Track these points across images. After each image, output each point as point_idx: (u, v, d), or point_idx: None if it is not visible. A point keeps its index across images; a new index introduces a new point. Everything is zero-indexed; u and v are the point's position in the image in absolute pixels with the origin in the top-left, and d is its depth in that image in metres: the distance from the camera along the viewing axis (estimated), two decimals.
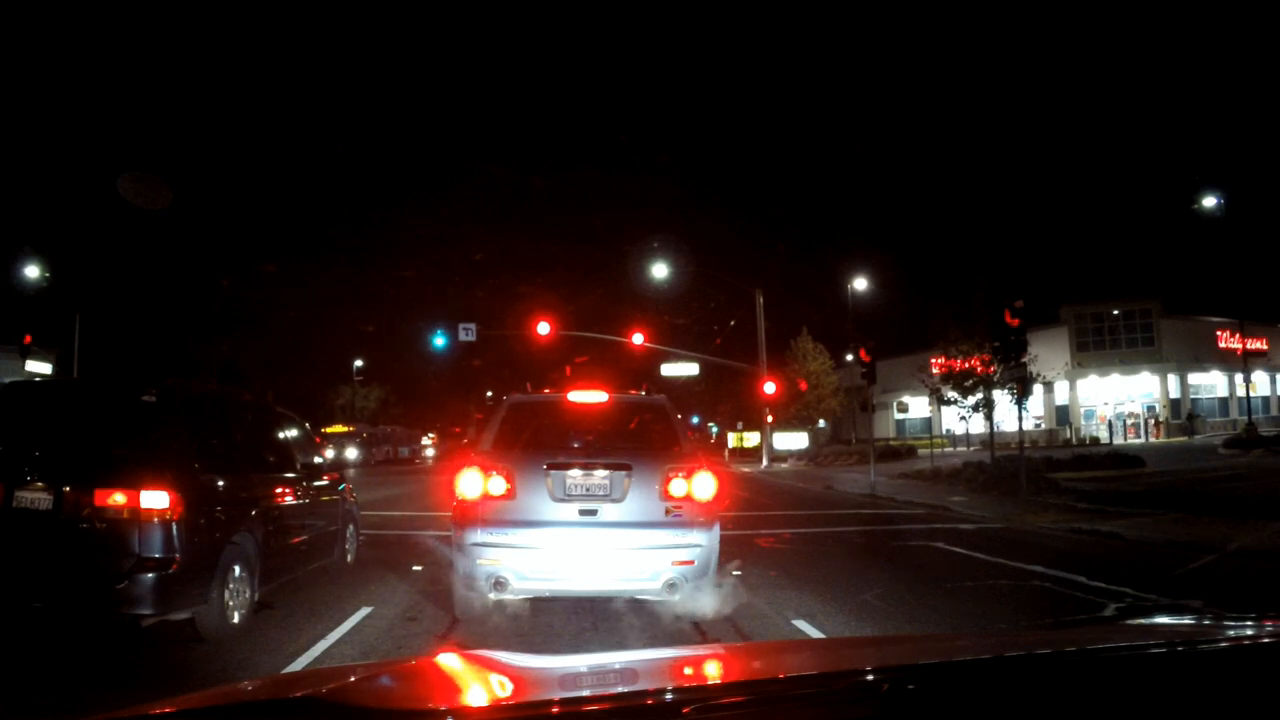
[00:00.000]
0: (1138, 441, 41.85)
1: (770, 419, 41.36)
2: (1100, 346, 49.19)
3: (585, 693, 1.76)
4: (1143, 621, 5.08)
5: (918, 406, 48.07)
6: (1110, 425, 45.80)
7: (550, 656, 3.16)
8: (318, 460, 9.54)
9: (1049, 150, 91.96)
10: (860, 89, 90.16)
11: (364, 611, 7.44)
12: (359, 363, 68.37)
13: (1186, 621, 3.69)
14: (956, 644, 2.72)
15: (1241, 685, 1.72)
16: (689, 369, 41.88)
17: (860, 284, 36.66)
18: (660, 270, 34.34)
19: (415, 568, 9.62)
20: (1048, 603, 8.12)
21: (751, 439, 48.62)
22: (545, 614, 7.29)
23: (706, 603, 6.86)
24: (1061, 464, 25.16)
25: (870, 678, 1.69)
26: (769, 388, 36.22)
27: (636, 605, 7.03)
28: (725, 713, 1.52)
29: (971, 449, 35.12)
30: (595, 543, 6.50)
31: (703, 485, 6.63)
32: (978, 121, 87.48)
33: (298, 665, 5.87)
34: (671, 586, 6.52)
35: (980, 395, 24.23)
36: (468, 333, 33.27)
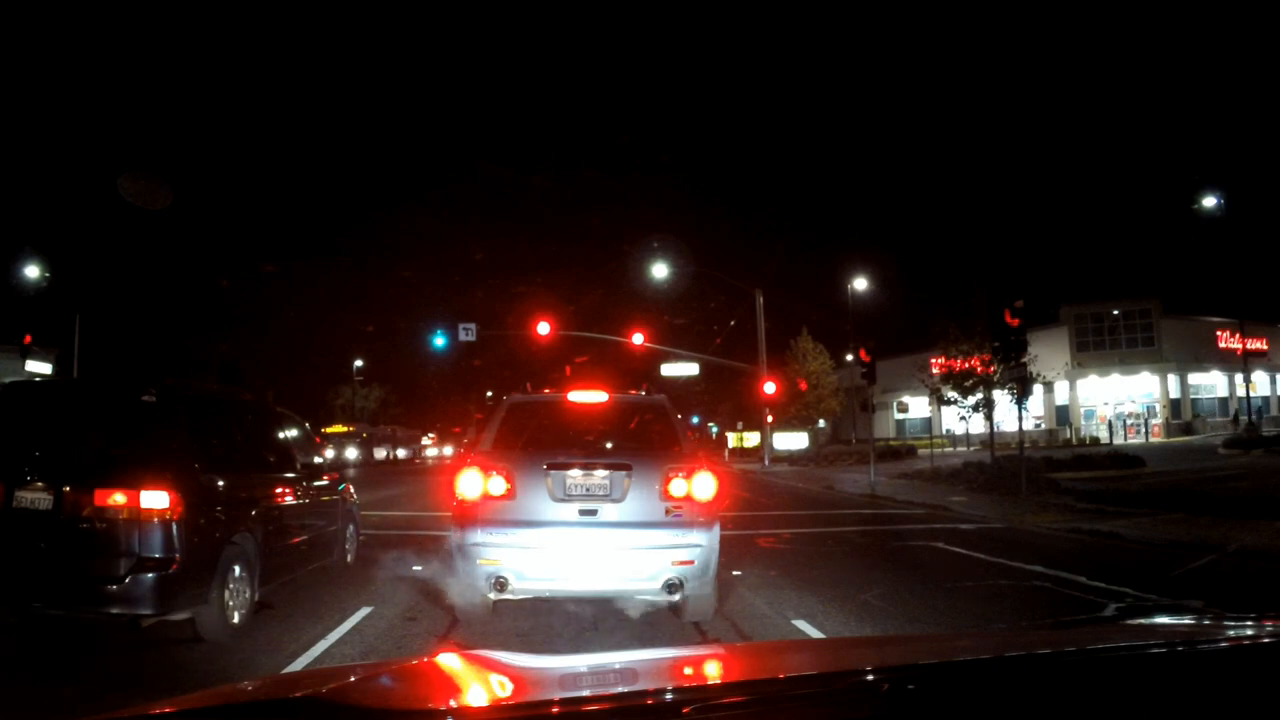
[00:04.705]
0: (1138, 441, 41.85)
1: (770, 419, 41.36)
2: (1100, 346, 49.24)
3: (585, 693, 1.76)
4: (1143, 621, 5.07)
5: (918, 406, 48.05)
6: (1110, 425, 45.80)
7: (550, 656, 3.15)
8: (318, 460, 9.54)
9: (1049, 150, 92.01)
10: (860, 89, 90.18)
11: (364, 611, 7.44)
12: (359, 363, 68.44)
13: (1186, 621, 3.68)
14: (956, 644, 2.71)
15: (1241, 685, 1.72)
16: (689, 369, 41.87)
17: (860, 284, 36.63)
18: (660, 270, 34.34)
19: (415, 568, 9.62)
20: (1048, 603, 8.12)
21: (751, 439, 48.70)
22: (545, 614, 7.29)
23: (706, 603, 6.85)
24: (1061, 464, 25.15)
25: (870, 678, 1.68)
26: (769, 388, 36.20)
27: (636, 605, 7.03)
28: (725, 713, 1.52)
29: (971, 449, 35.10)
30: (595, 543, 6.49)
31: (703, 485, 6.62)
32: (977, 122, 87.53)
33: (298, 665, 5.87)
34: (671, 587, 6.51)
35: (980, 395, 24.24)
36: (468, 333, 33.22)
